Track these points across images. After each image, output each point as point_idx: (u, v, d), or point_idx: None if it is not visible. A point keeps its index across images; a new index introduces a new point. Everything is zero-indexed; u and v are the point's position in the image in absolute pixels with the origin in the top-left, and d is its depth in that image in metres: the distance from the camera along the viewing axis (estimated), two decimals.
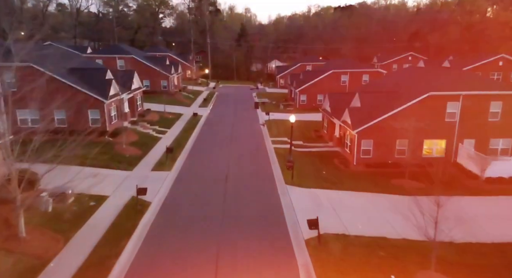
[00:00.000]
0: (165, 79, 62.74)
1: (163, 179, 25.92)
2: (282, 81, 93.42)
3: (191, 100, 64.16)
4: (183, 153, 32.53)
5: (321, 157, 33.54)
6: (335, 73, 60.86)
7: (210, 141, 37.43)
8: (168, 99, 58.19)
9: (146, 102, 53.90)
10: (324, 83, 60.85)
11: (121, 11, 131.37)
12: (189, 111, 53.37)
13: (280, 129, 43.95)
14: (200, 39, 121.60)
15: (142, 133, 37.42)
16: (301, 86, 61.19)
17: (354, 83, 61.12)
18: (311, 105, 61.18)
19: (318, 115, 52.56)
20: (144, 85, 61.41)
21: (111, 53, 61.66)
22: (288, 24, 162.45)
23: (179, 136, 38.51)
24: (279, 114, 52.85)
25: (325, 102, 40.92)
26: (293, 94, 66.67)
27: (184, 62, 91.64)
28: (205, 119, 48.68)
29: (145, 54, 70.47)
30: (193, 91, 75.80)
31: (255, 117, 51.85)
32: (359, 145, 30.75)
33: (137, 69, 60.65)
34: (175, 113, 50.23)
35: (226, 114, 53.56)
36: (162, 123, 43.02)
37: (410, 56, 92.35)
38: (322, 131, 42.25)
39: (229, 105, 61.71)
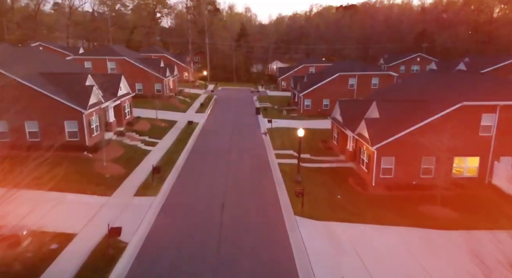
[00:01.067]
0: (159, 82, 58.33)
1: (146, 208, 21.51)
2: (284, 84, 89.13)
3: (187, 105, 59.76)
4: (173, 172, 28.08)
5: (333, 174, 29.12)
6: (342, 77, 56.46)
7: (205, 155, 32.97)
8: (162, 104, 53.79)
9: (138, 108, 49.56)
10: (330, 87, 56.50)
11: (117, 10, 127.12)
12: (185, 118, 48.95)
13: (284, 139, 39.54)
14: (199, 39, 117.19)
15: (129, 146, 32.99)
16: (305, 90, 56.81)
17: (362, 87, 56.75)
18: (316, 110, 56.85)
19: (325, 123, 48.22)
20: (137, 89, 57.15)
21: (101, 54, 57.28)
22: (289, 24, 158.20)
23: (170, 149, 34.06)
24: (283, 121, 48.46)
25: (335, 110, 36.52)
26: (296, 98, 62.29)
27: (181, 64, 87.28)
28: (201, 128, 44.23)
29: (138, 55, 66.05)
30: (190, 94, 71.36)
31: (256, 124, 47.46)
32: (379, 163, 26.34)
33: (129, 72, 56.44)
34: (169, 121, 45.81)
35: (225, 121, 49.13)
36: (153, 133, 38.59)
37: (419, 57, 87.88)
38: (331, 142, 37.83)
39: (228, 111, 57.31)
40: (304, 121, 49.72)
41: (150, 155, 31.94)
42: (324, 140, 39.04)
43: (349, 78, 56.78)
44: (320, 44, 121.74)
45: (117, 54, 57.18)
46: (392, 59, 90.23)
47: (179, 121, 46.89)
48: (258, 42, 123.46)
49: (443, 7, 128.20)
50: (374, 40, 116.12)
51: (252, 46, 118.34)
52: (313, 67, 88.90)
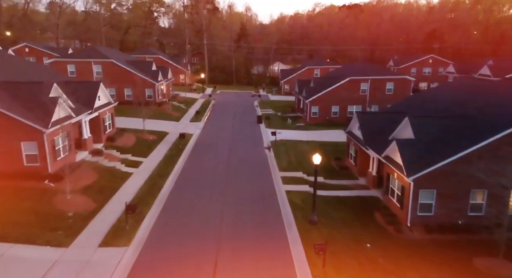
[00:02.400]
0: (150, 87, 52.75)
1: (111, 268, 15.90)
2: (287, 87, 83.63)
3: (181, 112, 54.14)
4: (155, 207, 22.42)
5: (355, 207, 23.47)
6: (353, 81, 50.84)
7: (196, 181, 27.23)
8: (153, 112, 48.26)
9: (125, 117, 44.11)
10: (339, 93, 50.92)
11: (113, 9, 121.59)
12: (177, 128, 43.34)
13: (290, 156, 33.90)
14: (197, 40, 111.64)
15: (105, 169, 27.37)
16: (312, 96, 51.21)
17: (376, 93, 51.16)
18: (324, 118, 51.29)
19: (336, 134, 42.68)
20: (126, 95, 51.63)
21: (85, 57, 51.67)
22: (291, 24, 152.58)
23: (155, 171, 28.39)
24: (288, 133, 42.85)
25: (352, 123, 30.88)
26: (301, 104, 56.70)
27: (177, 66, 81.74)
28: (195, 141, 38.55)
29: (129, 57, 60.41)
30: (186, 99, 65.77)
31: (258, 136, 41.84)
32: (416, 197, 20.72)
33: (117, 76, 50.97)
34: (159, 133, 40.20)
35: (222, 132, 43.49)
36: (138, 150, 32.98)
37: (431, 59, 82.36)
38: (347, 160, 32.18)
39: (226, 119, 51.66)
40: (312, 133, 44.11)
41: (130, 180, 26.29)
42: (338, 157, 33.38)
43: (361, 83, 51.15)
44: (323, 45, 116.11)
45: (104, 56, 51.58)
46: (402, 61, 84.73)
47: (171, 132, 41.27)
48: (259, 42, 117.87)
49: (452, 6, 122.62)
50: (381, 41, 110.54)
51: (252, 47, 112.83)
52: (317, 70, 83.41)
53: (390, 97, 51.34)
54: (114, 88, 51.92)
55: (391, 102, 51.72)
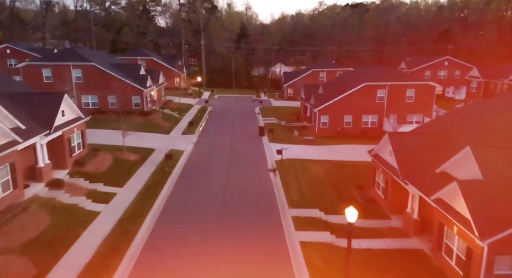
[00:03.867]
0: (137, 94, 46.48)
1: None
2: (291, 92, 77.46)
3: (173, 121, 47.82)
4: (120, 272, 16.11)
5: (397, 268, 17.13)
6: (369, 88, 44.55)
7: (180, 227, 20.74)
8: (139, 123, 42.09)
9: (105, 131, 38.01)
10: (353, 101, 44.67)
11: (108, 8, 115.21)
12: (166, 143, 37.08)
13: (301, 182, 27.61)
14: (194, 40, 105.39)
15: (63, 208, 21.06)
16: (321, 104, 44.96)
17: (395, 101, 44.88)
18: (335, 129, 45.05)
19: (352, 150, 36.51)
20: (109, 103, 45.39)
21: (63, 59, 45.31)
22: (293, 24, 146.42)
23: (129, 211, 21.93)
24: (295, 149, 36.59)
25: (381, 146, 24.56)
26: (308, 113, 50.48)
27: (172, 68, 75.53)
28: (184, 162, 32.09)
29: (115, 60, 54.07)
30: (180, 106, 59.49)
31: (261, 153, 35.53)
32: (490, 266, 14.45)
33: (100, 81, 44.80)
34: (143, 150, 33.94)
35: (219, 149, 37.15)
36: (113, 176, 26.71)
37: (447, 61, 75.98)
38: (373, 190, 25.87)
39: (224, 131, 45.35)
40: (323, 148, 37.86)
41: (94, 225, 19.95)
42: (360, 185, 27.08)
43: (378, 89, 44.86)
44: (328, 46, 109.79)
45: (84, 59, 45.29)
46: (415, 63, 78.35)
47: (158, 149, 34.97)
48: (260, 43, 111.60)
49: (462, 4, 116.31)
50: (389, 41, 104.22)
51: (253, 47, 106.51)
52: (323, 73, 77.23)
53: (410, 106, 45.12)
54: (96, 96, 45.74)
55: (412, 112, 45.52)
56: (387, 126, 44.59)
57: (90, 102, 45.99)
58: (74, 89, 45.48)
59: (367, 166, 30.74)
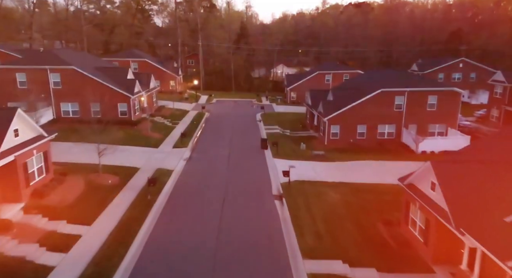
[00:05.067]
0: (124, 101, 41.28)
1: None
2: (294, 95, 72.27)
3: (165, 132, 42.59)
4: None
5: None
6: (386, 94, 39.36)
7: None
8: (125, 135, 36.98)
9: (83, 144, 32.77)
10: (367, 109, 39.55)
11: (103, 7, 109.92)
12: (153, 160, 31.87)
13: (316, 216, 22.40)
14: (192, 40, 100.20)
15: (5, 264, 15.81)
16: (331, 112, 39.80)
17: (415, 110, 39.73)
18: (347, 141, 39.95)
19: (371, 169, 31.35)
20: (93, 111, 40.21)
21: (40, 63, 40.06)
22: (295, 23, 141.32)
23: (92, 266, 16.71)
24: (304, 166, 31.44)
25: (419, 176, 19.26)
26: (316, 121, 45.34)
27: (166, 71, 70.31)
28: (171, 190, 26.42)
29: (100, 63, 48.77)
30: (173, 113, 54.29)
31: (264, 173, 30.26)
32: None
33: (81, 87, 39.71)
34: (124, 170, 28.74)
35: (215, 167, 31.86)
36: (81, 209, 21.48)
37: (462, 63, 70.82)
38: (406, 228, 20.59)
39: (221, 142, 40.10)
40: (336, 166, 32.61)
41: None
42: (388, 219, 21.86)
43: (395, 96, 39.64)
44: (332, 46, 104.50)
45: (63, 62, 40.08)
46: (427, 65, 73.19)
47: (143, 168, 29.76)
48: (261, 43, 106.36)
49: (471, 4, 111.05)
50: (396, 41, 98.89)
51: (253, 48, 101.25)
52: (329, 75, 72.04)
53: (432, 115, 39.95)
54: (77, 103, 40.53)
55: (434, 122, 40.26)
56: (406, 138, 39.40)
57: (70, 110, 40.79)
58: (52, 96, 40.30)
59: (391, 190, 25.71)
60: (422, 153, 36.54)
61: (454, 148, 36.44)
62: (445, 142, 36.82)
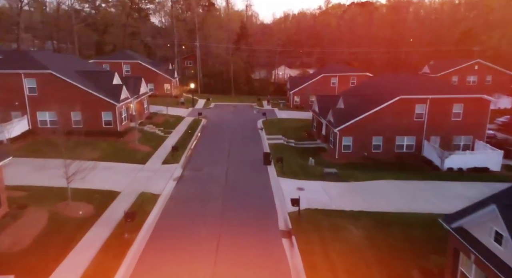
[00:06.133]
0: (109, 109, 36.63)
1: None
2: (298, 100, 67.67)
3: (155, 143, 37.92)
4: None
5: None
6: (405, 102, 34.70)
7: None
8: (109, 147, 32.44)
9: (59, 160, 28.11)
10: (384, 118, 34.95)
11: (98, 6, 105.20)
12: (136, 182, 27.18)
13: (334, 262, 17.74)
14: (189, 41, 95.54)
15: None
16: (343, 122, 35.19)
17: (438, 119, 35.06)
18: (360, 154, 35.44)
19: (389, 189, 26.60)
20: (73, 121, 35.69)
21: (14, 66, 35.27)
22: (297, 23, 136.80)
23: None
24: (316, 189, 26.82)
25: (475, 222, 14.57)
26: (324, 130, 40.75)
27: (161, 73, 65.65)
28: (154, 224, 21.59)
29: (84, 66, 44.02)
30: (167, 120, 49.64)
31: (268, 198, 25.53)
32: None
33: (60, 94, 35.08)
34: (100, 196, 24.05)
35: (209, 192, 27.05)
36: (34, 257, 16.83)
37: (477, 65, 66.25)
38: None
39: (218, 157, 35.38)
40: (352, 187, 27.90)
41: None
42: (427, 267, 17.20)
43: (416, 104, 34.98)
44: (336, 47, 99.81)
45: (40, 65, 35.41)
46: (440, 67, 68.60)
47: (124, 192, 25.10)
48: (262, 44, 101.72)
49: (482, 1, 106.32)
50: (405, 42, 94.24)
51: (254, 49, 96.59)
52: (335, 78, 67.43)
53: (458, 126, 35.28)
54: (55, 112, 35.88)
55: (459, 133, 35.52)
56: (428, 151, 34.75)
57: (47, 120, 36.12)
58: (27, 104, 35.67)
59: (421, 221, 21.41)
60: (448, 170, 31.89)
61: (485, 165, 32.04)
62: (475, 158, 32.15)
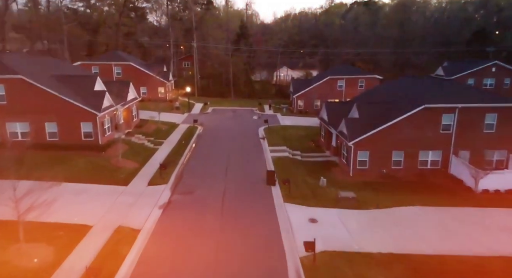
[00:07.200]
0: (88, 120, 31.87)
1: None
2: (301, 104, 63.05)
3: (142, 157, 33.18)
4: None
5: None
6: (430, 112, 29.97)
7: None
8: (88, 163, 27.83)
9: (26, 182, 23.42)
10: (406, 130, 30.24)
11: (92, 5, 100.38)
12: (113, 212, 22.44)
13: None
14: (186, 41, 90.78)
15: None
16: (359, 134, 30.49)
17: (468, 132, 30.32)
18: (379, 171, 30.71)
19: (417, 217, 21.83)
20: (48, 133, 31.01)
21: None
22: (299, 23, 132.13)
23: None
24: (331, 220, 22.11)
25: None
26: (334, 141, 36.09)
27: (154, 76, 60.95)
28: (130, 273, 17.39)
29: (64, 70, 39.16)
30: (159, 128, 44.94)
31: (274, 236, 20.76)
32: None
33: (32, 102, 30.39)
34: (67, 231, 19.32)
35: (202, 223, 22.27)
36: None
37: (494, 67, 61.57)
38: None
39: (214, 175, 30.52)
40: (375, 217, 23.10)
41: None
42: None
43: (443, 114, 30.26)
44: (340, 47, 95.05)
45: (8, 70, 30.64)
46: (455, 69, 63.86)
47: (97, 226, 20.33)
48: (262, 44, 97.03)
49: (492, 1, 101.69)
50: (413, 42, 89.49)
51: (254, 49, 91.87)
52: (342, 81, 62.82)
53: (490, 139, 30.50)
54: (27, 123, 31.18)
55: (492, 147, 30.69)
56: (457, 168, 30.05)
57: (19, 132, 31.38)
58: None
59: (474, 268, 16.47)
60: (484, 192, 27.20)
61: None
62: None
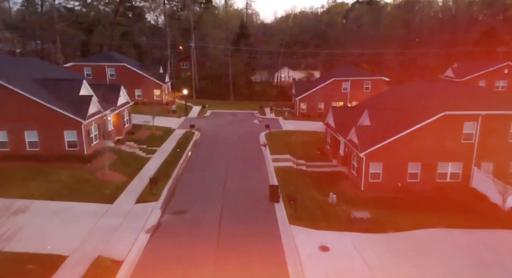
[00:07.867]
0: (73, 128, 28.91)
1: None
2: (304, 107, 60.12)
3: (132, 169, 30.21)
4: None
5: None
6: (450, 119, 27.04)
7: None
8: (70, 177, 24.92)
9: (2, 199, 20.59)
10: (423, 140, 27.28)
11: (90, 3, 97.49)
12: (93, 238, 19.48)
13: None
14: (184, 40, 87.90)
15: None
16: (372, 144, 27.50)
17: (492, 141, 27.34)
18: (393, 185, 27.79)
19: (447, 246, 18.63)
20: (28, 143, 28.12)
21: None
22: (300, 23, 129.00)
23: None
24: (345, 247, 19.10)
25: None
26: (342, 150, 33.16)
27: (149, 77, 58.02)
28: None
29: (49, 73, 36.14)
30: (152, 135, 42.00)
31: (278, 264, 17.74)
32: None
33: (12, 108, 27.47)
34: (38, 263, 16.31)
35: (195, 251, 19.36)
36: None
37: (507, 68, 58.70)
38: None
39: (210, 190, 27.51)
40: (394, 244, 20.07)
41: None
42: None
43: (464, 121, 27.32)
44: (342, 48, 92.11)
45: None
46: (465, 71, 60.98)
47: (71, 258, 17.32)
48: (263, 44, 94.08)
49: None
50: (419, 42, 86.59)
51: (255, 50, 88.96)
52: (347, 82, 59.90)
53: None
54: (5, 132, 28.24)
55: None
56: (481, 182, 27.08)
57: None
58: None
59: None
60: None
61: None
62: None
